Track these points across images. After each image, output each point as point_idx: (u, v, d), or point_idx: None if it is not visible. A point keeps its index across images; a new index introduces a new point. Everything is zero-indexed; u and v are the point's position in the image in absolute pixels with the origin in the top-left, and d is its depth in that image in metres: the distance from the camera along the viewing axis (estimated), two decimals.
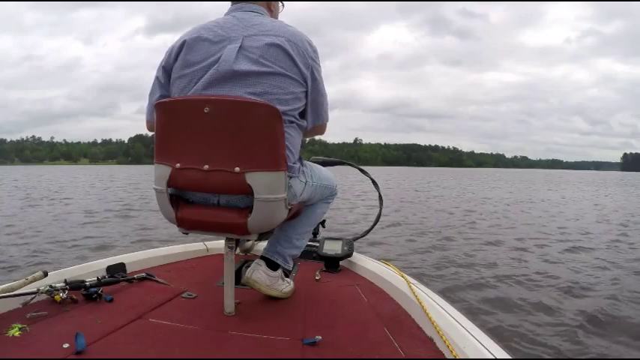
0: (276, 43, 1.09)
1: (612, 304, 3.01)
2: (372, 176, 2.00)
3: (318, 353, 0.97)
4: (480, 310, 2.87)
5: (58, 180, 24.84)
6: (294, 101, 1.13)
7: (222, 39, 1.11)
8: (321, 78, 1.20)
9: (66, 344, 0.91)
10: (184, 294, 1.35)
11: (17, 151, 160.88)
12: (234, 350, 0.97)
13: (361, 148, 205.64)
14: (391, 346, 1.02)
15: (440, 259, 4.47)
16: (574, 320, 2.71)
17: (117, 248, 4.80)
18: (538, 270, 4.01)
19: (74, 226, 6.59)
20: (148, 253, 1.71)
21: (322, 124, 1.29)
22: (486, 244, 5.32)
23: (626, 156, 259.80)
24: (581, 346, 2.35)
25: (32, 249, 4.71)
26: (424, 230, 6.43)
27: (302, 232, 1.39)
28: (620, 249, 5.16)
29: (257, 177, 1.03)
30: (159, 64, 1.19)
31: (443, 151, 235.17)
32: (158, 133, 1.11)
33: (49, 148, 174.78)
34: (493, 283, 3.55)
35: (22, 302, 1.11)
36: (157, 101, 1.11)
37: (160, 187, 1.10)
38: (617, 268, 4.12)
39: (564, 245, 5.37)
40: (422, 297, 1.22)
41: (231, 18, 1.16)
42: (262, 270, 1.30)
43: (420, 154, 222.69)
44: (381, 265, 1.65)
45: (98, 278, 1.32)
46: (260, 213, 1.06)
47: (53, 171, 48.94)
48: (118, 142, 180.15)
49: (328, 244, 1.75)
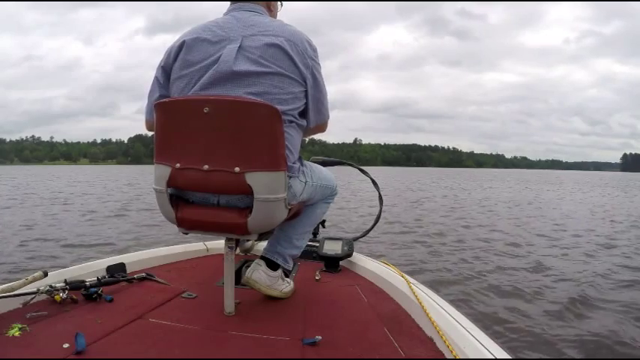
0: (275, 43, 1.09)
1: (612, 304, 3.01)
2: (372, 176, 2.00)
3: (318, 353, 0.98)
4: (480, 310, 2.87)
5: (58, 180, 24.82)
6: (293, 101, 1.13)
7: (221, 39, 1.11)
8: (321, 77, 1.21)
9: (66, 344, 0.91)
10: (184, 294, 1.35)
11: (17, 151, 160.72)
12: (234, 350, 0.97)
13: (361, 149, 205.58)
14: (391, 346, 1.03)
15: (440, 259, 4.48)
16: (574, 320, 2.71)
17: (117, 248, 4.80)
18: (538, 270, 4.02)
19: (74, 226, 6.59)
20: (148, 253, 1.71)
21: (324, 122, 1.30)
22: (486, 245, 5.32)
23: (626, 156, 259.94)
24: (582, 346, 2.35)
25: (32, 249, 4.71)
26: (424, 230, 6.44)
27: (302, 232, 1.39)
28: (622, 250, 5.14)
29: (257, 177, 1.03)
30: (158, 65, 1.19)
31: (443, 151, 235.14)
32: (158, 133, 1.11)
33: (49, 148, 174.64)
34: (493, 283, 3.56)
35: (22, 302, 1.11)
36: (156, 101, 1.11)
37: (160, 187, 1.10)
38: (617, 269, 4.12)
39: (565, 245, 5.38)
40: (422, 297, 1.22)
41: (230, 18, 1.16)
42: (262, 270, 1.30)
43: (419, 155, 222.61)
44: (381, 265, 1.65)
45: (98, 278, 1.32)
46: (260, 213, 1.06)
47: (53, 171, 48.92)
48: (118, 142, 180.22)
49: (328, 244, 1.75)
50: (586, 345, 2.37)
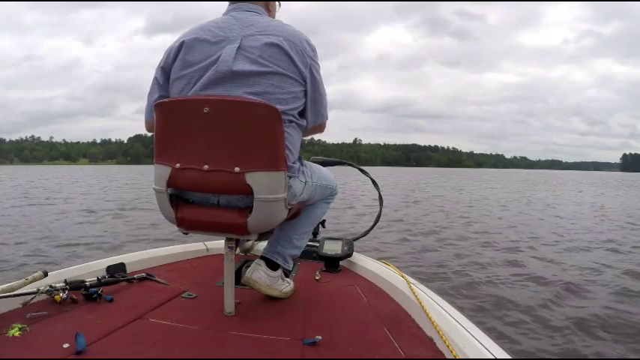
0: (274, 43, 1.09)
1: (613, 305, 3.01)
2: (372, 176, 2.00)
3: (318, 353, 0.98)
4: (480, 310, 2.87)
5: (57, 180, 24.80)
6: (293, 100, 1.13)
7: (220, 39, 1.11)
8: (320, 77, 1.20)
9: (66, 344, 0.91)
10: (184, 294, 1.35)
11: (16, 150, 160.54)
12: (234, 350, 0.97)
13: (361, 149, 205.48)
14: (391, 346, 1.03)
15: (440, 258, 4.48)
16: (574, 320, 2.71)
17: (117, 248, 4.80)
18: (538, 270, 4.02)
19: (74, 226, 6.59)
20: (148, 253, 1.71)
21: (322, 122, 1.29)
22: (486, 245, 5.32)
23: (626, 156, 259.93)
24: (582, 346, 2.36)
25: (32, 249, 4.71)
26: (424, 230, 6.44)
27: (302, 232, 1.39)
28: (621, 250, 5.13)
29: (257, 177, 1.03)
30: (157, 65, 1.19)
31: (442, 151, 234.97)
32: (158, 133, 1.10)
33: (49, 147, 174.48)
34: (493, 283, 3.56)
35: (22, 302, 1.11)
36: (156, 102, 1.11)
37: (160, 187, 1.10)
38: (617, 269, 4.12)
39: (565, 246, 5.38)
40: (422, 297, 1.22)
41: (229, 18, 1.15)
42: (262, 270, 1.30)
43: (419, 155, 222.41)
44: (381, 265, 1.65)
45: (98, 278, 1.32)
46: (260, 213, 1.06)
47: (53, 171, 48.86)
48: (118, 142, 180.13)
49: (328, 244, 1.75)
50: (587, 345, 2.37)
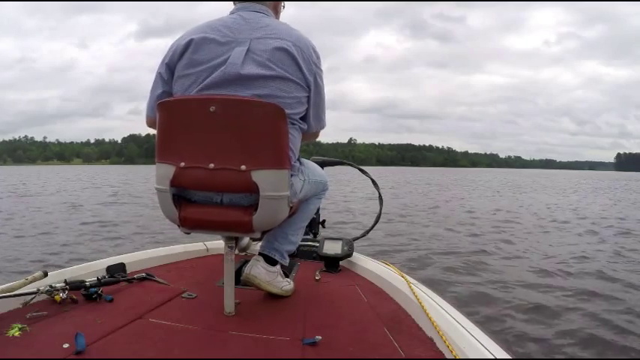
0: (283, 47, 1.10)
1: (612, 305, 3.02)
2: (372, 176, 2.01)
3: (318, 353, 0.98)
4: (480, 310, 2.86)
5: (58, 179, 24.61)
6: (297, 105, 1.15)
7: (229, 40, 1.11)
8: (323, 84, 1.22)
9: (66, 344, 0.91)
10: (184, 294, 1.35)
11: (9, 151, 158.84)
12: (234, 350, 0.97)
13: (356, 148, 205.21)
14: (391, 346, 1.03)
15: (440, 259, 4.46)
16: (574, 320, 2.72)
17: (117, 248, 4.77)
18: (538, 270, 4.02)
19: (74, 225, 6.54)
20: (147, 253, 1.70)
21: (322, 128, 1.32)
22: (486, 245, 5.31)
23: (620, 156, 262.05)
24: (581, 346, 2.36)
25: (32, 249, 4.67)
26: (424, 230, 6.44)
27: (297, 227, 1.41)
28: (623, 253, 5.09)
29: (263, 175, 1.04)
30: (161, 61, 1.18)
31: (437, 151, 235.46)
32: (161, 132, 1.10)
33: (42, 148, 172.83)
34: (493, 283, 3.56)
35: (22, 302, 1.10)
36: (159, 99, 1.11)
37: (163, 186, 1.10)
38: (618, 269, 4.14)
39: (565, 246, 5.39)
40: (422, 297, 1.23)
41: (237, 17, 1.15)
42: (261, 265, 1.30)
43: (414, 155, 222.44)
44: (381, 265, 1.66)
45: (98, 278, 1.31)
46: (265, 211, 1.07)
47: (52, 171, 48.46)
48: (111, 142, 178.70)
49: (328, 244, 1.76)
50: (587, 345, 2.38)
